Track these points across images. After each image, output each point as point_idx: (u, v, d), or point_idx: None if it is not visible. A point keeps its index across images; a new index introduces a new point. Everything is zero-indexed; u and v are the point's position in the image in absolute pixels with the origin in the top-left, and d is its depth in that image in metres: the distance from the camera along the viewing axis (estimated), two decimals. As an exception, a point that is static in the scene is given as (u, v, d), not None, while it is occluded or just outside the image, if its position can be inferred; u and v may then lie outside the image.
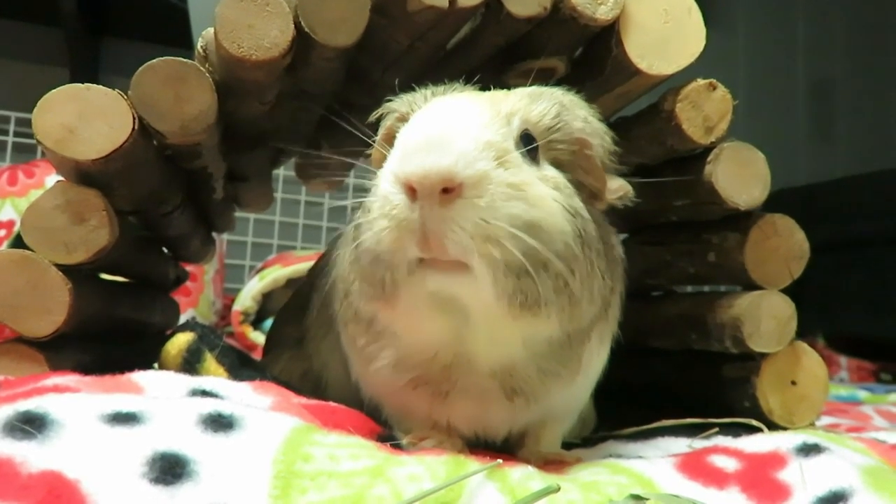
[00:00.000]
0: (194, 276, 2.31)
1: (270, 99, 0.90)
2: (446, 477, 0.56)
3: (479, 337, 0.67)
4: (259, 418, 0.60)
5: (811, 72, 4.00)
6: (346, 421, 0.73)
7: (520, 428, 0.78)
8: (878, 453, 0.75)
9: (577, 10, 0.84)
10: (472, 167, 0.61)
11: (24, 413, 0.54)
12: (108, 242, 0.79)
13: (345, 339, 0.82)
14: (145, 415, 0.57)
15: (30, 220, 0.78)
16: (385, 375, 0.74)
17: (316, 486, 0.54)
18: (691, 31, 0.87)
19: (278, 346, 1.12)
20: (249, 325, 2.41)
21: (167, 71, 0.79)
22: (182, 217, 1.10)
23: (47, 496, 0.47)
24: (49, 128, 0.77)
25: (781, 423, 0.93)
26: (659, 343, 1.11)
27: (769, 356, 0.94)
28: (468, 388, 0.72)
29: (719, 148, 0.90)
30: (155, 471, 0.51)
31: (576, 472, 0.70)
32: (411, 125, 0.67)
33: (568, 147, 0.72)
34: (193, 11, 2.45)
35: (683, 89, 0.89)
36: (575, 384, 0.77)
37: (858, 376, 2.79)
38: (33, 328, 0.78)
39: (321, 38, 0.78)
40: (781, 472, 0.68)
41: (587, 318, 0.72)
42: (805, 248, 0.95)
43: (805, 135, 3.97)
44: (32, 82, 1.80)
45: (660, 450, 0.84)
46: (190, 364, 0.88)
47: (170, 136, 0.81)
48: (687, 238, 1.04)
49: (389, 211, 0.62)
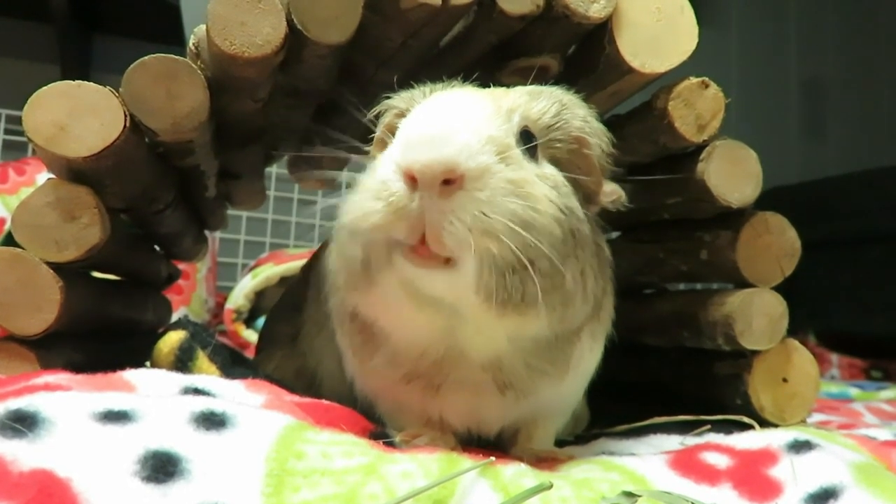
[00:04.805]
0: (187, 274, 2.30)
1: (263, 96, 0.90)
2: (439, 474, 0.57)
3: (469, 330, 0.67)
4: (251, 416, 0.60)
5: (803, 70, 4.02)
6: (339, 419, 0.73)
7: (512, 424, 0.79)
8: (869, 450, 0.76)
9: (570, 7, 0.84)
10: (475, 160, 0.61)
11: (15, 411, 0.54)
12: (99, 240, 0.79)
13: (340, 336, 0.82)
14: (137, 413, 0.57)
15: (20, 217, 0.78)
16: (379, 372, 0.75)
17: (309, 484, 0.54)
18: (684, 30, 0.88)
19: (271, 344, 1.12)
20: (242, 323, 2.40)
21: (159, 68, 0.78)
22: (174, 215, 1.10)
23: (38, 495, 0.47)
24: (40, 125, 0.76)
25: (773, 420, 0.94)
26: (651, 340, 1.12)
27: (761, 353, 0.94)
28: (460, 381, 0.72)
29: (711, 146, 0.90)
30: (147, 469, 0.51)
31: (568, 469, 0.70)
32: (414, 117, 0.67)
33: (566, 146, 0.73)
34: (185, 8, 2.44)
35: (676, 87, 0.89)
36: (565, 383, 0.77)
37: (849, 374, 2.80)
38: (24, 326, 0.78)
39: (314, 36, 0.78)
40: (773, 468, 0.69)
41: (578, 319, 0.72)
42: (797, 246, 0.95)
43: (797, 133, 3.99)
44: (23, 79, 1.79)
45: (652, 447, 0.84)
46: (182, 362, 0.88)
47: (161, 134, 0.81)
48: (679, 236, 1.04)
49: (387, 196, 0.62)
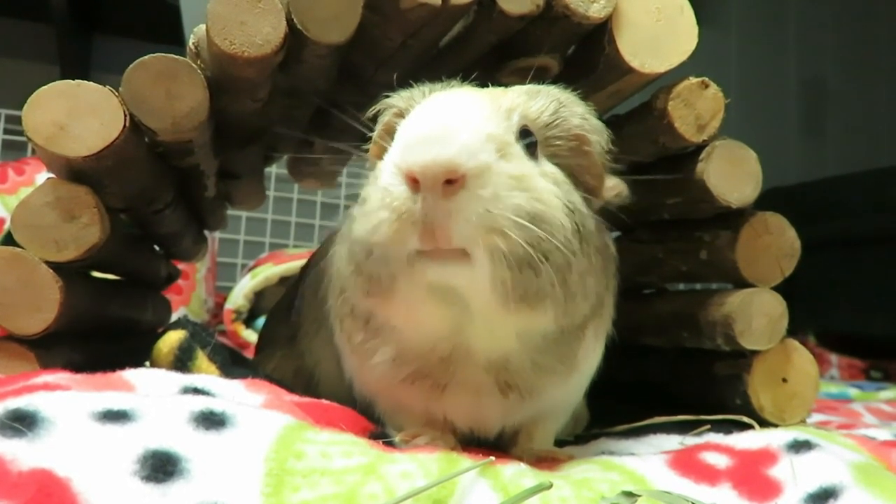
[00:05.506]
0: (186, 274, 2.30)
1: (262, 96, 0.90)
2: (439, 474, 0.57)
3: (477, 328, 0.67)
4: (251, 416, 0.60)
5: (803, 70, 4.03)
6: (339, 418, 0.73)
7: (513, 425, 0.78)
8: (869, 450, 0.76)
9: (570, 8, 0.84)
10: (476, 158, 0.60)
11: (15, 411, 0.54)
12: (98, 240, 0.79)
13: (339, 335, 0.82)
14: (137, 412, 0.57)
15: (20, 217, 0.78)
16: (382, 371, 0.74)
17: (308, 484, 0.54)
18: (683, 30, 0.88)
19: (271, 344, 1.12)
20: (241, 323, 2.40)
21: (158, 68, 0.78)
22: (174, 215, 1.10)
23: (38, 494, 0.47)
24: (39, 125, 0.76)
25: (772, 420, 0.94)
26: (651, 340, 1.12)
27: (760, 354, 0.94)
28: (465, 381, 0.71)
29: (711, 146, 0.90)
30: (146, 468, 0.51)
31: (568, 469, 0.70)
32: (413, 118, 0.67)
33: (566, 143, 0.73)
34: (185, 8, 2.44)
35: (676, 87, 0.89)
36: (570, 381, 0.77)
37: (849, 374, 2.80)
38: (24, 326, 0.78)
39: (313, 35, 0.78)
40: (772, 468, 0.69)
41: (582, 314, 0.72)
42: (796, 246, 0.95)
43: (796, 133, 3.99)
44: (23, 79, 1.78)
45: (652, 447, 0.84)
46: (182, 362, 0.88)
47: (161, 133, 0.81)
48: (679, 236, 1.04)
49: (390, 203, 0.62)
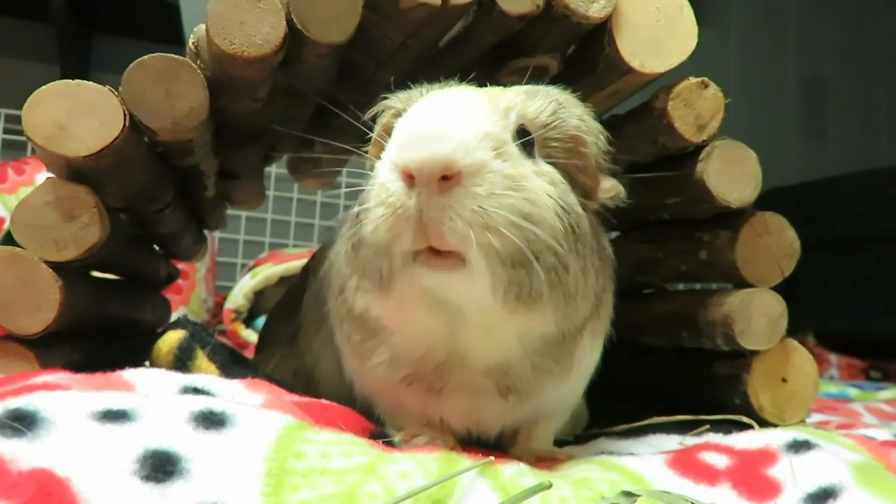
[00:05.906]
0: (186, 274, 2.30)
1: (262, 96, 0.90)
2: (438, 474, 0.57)
3: (474, 335, 0.68)
4: (251, 416, 0.60)
5: (802, 70, 4.03)
6: (338, 418, 0.73)
7: (512, 425, 0.79)
8: (868, 450, 0.76)
9: (570, 7, 0.84)
10: (471, 156, 0.61)
11: (14, 411, 0.54)
12: (98, 239, 0.79)
13: (339, 335, 0.82)
14: (136, 412, 0.57)
15: (20, 217, 0.78)
16: (381, 371, 0.74)
17: (308, 484, 0.54)
18: (683, 30, 0.88)
19: (271, 344, 1.12)
20: (241, 322, 2.40)
21: (158, 67, 0.78)
22: (173, 214, 1.10)
23: (37, 494, 0.47)
24: (39, 124, 0.76)
25: (772, 420, 0.94)
26: (650, 340, 1.12)
27: (760, 353, 0.94)
28: (462, 386, 0.72)
29: (711, 146, 0.90)
30: (146, 468, 0.51)
31: (567, 468, 0.70)
32: (410, 115, 0.67)
33: (563, 144, 0.73)
34: (185, 8, 2.44)
35: (675, 87, 0.89)
36: (568, 382, 0.77)
37: (848, 374, 2.81)
38: (23, 326, 0.78)
39: (313, 35, 0.78)
40: (772, 468, 0.69)
41: (581, 315, 0.72)
42: (796, 247, 0.95)
43: (796, 133, 3.99)
44: (22, 79, 1.78)
45: (651, 447, 0.84)
46: (181, 361, 0.88)
47: (161, 133, 0.81)
48: (679, 236, 1.04)
49: (387, 198, 0.62)
